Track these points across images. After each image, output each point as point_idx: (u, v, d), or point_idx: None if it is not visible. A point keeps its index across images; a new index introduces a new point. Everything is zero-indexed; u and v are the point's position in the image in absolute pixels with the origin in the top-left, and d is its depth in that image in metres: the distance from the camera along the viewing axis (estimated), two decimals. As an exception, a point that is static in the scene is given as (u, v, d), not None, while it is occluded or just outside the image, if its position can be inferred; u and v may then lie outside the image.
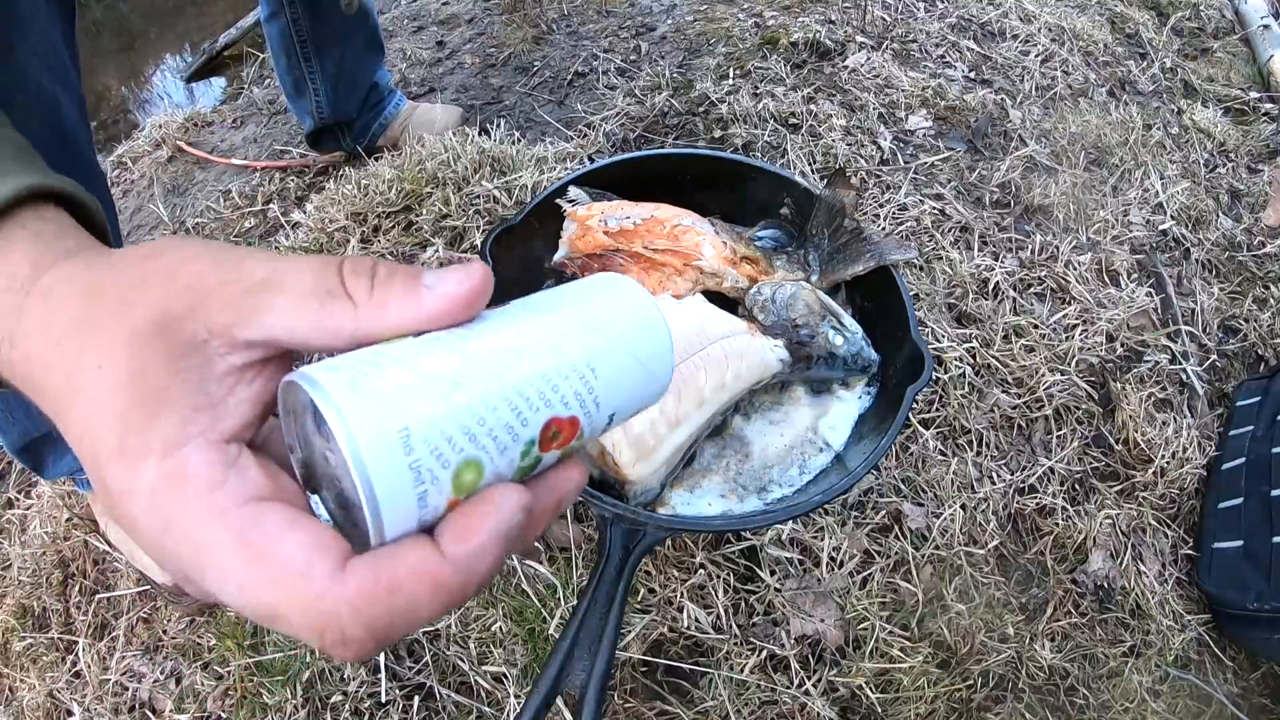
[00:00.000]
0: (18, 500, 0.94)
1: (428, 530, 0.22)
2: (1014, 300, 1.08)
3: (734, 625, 0.80)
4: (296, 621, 0.20)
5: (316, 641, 0.20)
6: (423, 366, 0.22)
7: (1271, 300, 1.18)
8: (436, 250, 1.04)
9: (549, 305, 0.26)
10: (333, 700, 0.76)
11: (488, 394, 0.22)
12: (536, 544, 0.84)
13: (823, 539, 0.84)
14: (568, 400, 0.24)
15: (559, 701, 0.73)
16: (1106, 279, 1.15)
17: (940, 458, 0.92)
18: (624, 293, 0.28)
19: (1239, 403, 1.03)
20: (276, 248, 1.12)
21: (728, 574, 0.82)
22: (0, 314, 0.23)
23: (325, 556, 0.20)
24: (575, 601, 0.77)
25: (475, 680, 0.78)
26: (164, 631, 0.83)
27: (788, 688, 0.77)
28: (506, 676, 0.77)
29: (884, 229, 1.14)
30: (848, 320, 0.77)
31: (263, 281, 0.22)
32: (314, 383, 0.21)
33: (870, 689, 0.78)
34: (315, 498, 0.24)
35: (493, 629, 0.79)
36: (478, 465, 0.22)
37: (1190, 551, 0.93)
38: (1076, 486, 0.96)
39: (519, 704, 0.76)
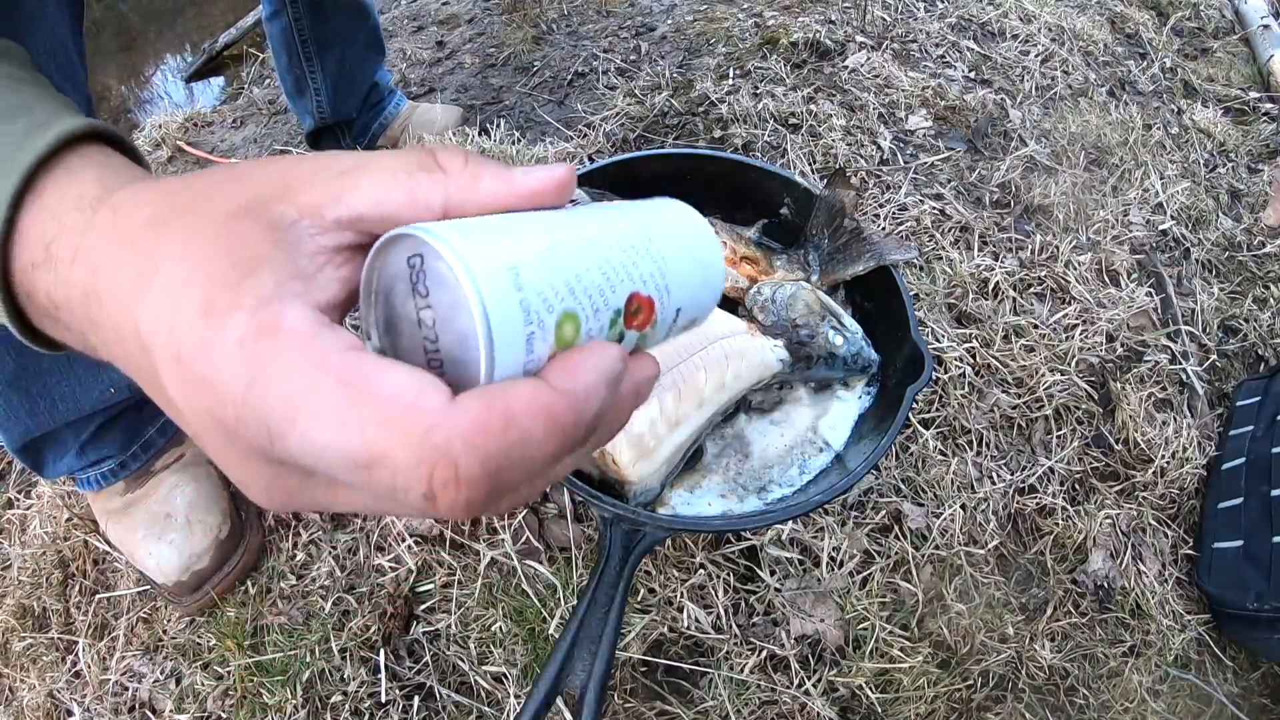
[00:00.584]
0: (18, 500, 0.94)
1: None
2: (1014, 300, 1.08)
3: (734, 625, 0.80)
4: (402, 460, 0.18)
5: (423, 485, 0.18)
6: (520, 226, 0.23)
7: (1271, 300, 1.18)
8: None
9: (618, 207, 0.28)
10: (333, 700, 0.76)
11: (581, 254, 0.23)
12: (536, 544, 0.84)
13: (823, 539, 0.84)
14: (645, 280, 0.25)
15: (559, 701, 0.73)
16: (1106, 279, 1.15)
17: (940, 458, 0.92)
18: (679, 207, 0.31)
19: (1239, 403, 1.03)
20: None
21: (728, 574, 0.82)
22: (65, 233, 0.23)
23: (435, 390, 0.18)
24: (575, 601, 0.77)
25: (475, 680, 0.78)
26: (164, 631, 0.83)
27: (788, 688, 0.77)
28: (506, 676, 0.77)
29: (884, 229, 1.14)
30: (848, 320, 0.77)
31: (354, 165, 0.22)
32: (417, 229, 0.21)
33: (870, 689, 0.78)
34: None
35: (493, 629, 0.79)
36: (575, 320, 0.22)
37: (1190, 551, 0.93)
38: (1076, 486, 0.96)
39: (519, 704, 0.76)
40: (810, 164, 1.22)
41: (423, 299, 0.21)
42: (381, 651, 0.79)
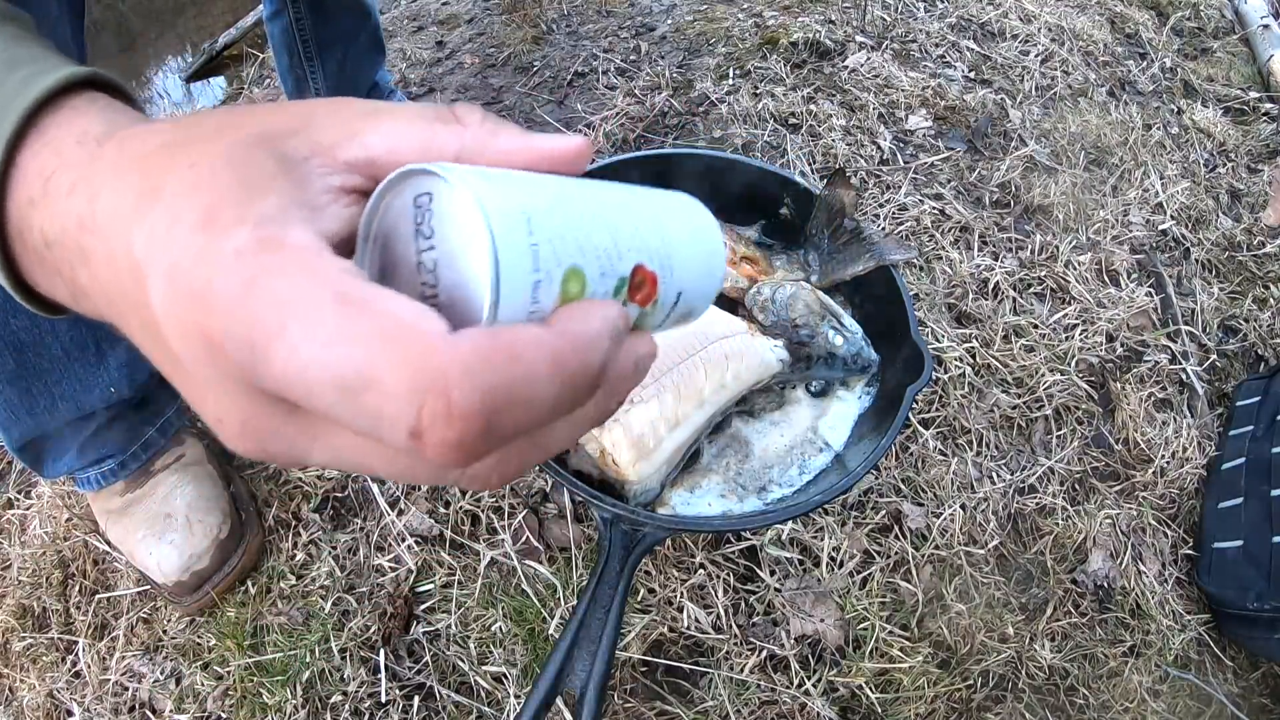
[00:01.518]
0: (18, 500, 0.94)
1: None
2: (1014, 300, 1.08)
3: (734, 625, 0.80)
4: (392, 383, 0.16)
5: (410, 417, 0.16)
6: (534, 181, 0.22)
7: (1271, 300, 1.18)
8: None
9: (629, 186, 0.28)
10: (333, 700, 0.76)
11: (594, 215, 0.23)
12: (536, 544, 0.84)
13: (823, 539, 0.84)
14: (650, 255, 0.25)
15: (559, 701, 0.74)
16: (1106, 279, 1.15)
17: (940, 458, 0.92)
18: (688, 197, 0.32)
19: (1239, 403, 1.03)
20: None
21: (728, 574, 0.82)
22: (65, 167, 0.22)
23: (436, 319, 0.17)
24: (575, 601, 0.77)
25: (475, 680, 0.78)
26: (164, 631, 0.83)
27: (788, 688, 0.77)
28: (506, 676, 0.77)
29: (884, 229, 1.14)
30: (848, 320, 0.77)
31: (370, 110, 0.22)
32: (431, 165, 0.20)
33: (870, 689, 0.78)
34: None
35: (493, 629, 0.79)
36: (581, 278, 0.22)
37: (1190, 551, 0.93)
38: (1076, 486, 0.96)
39: (519, 704, 0.76)
40: (810, 164, 1.22)
41: (426, 240, 0.21)
42: (381, 651, 0.79)
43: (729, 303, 0.81)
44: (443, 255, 0.21)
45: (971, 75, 1.44)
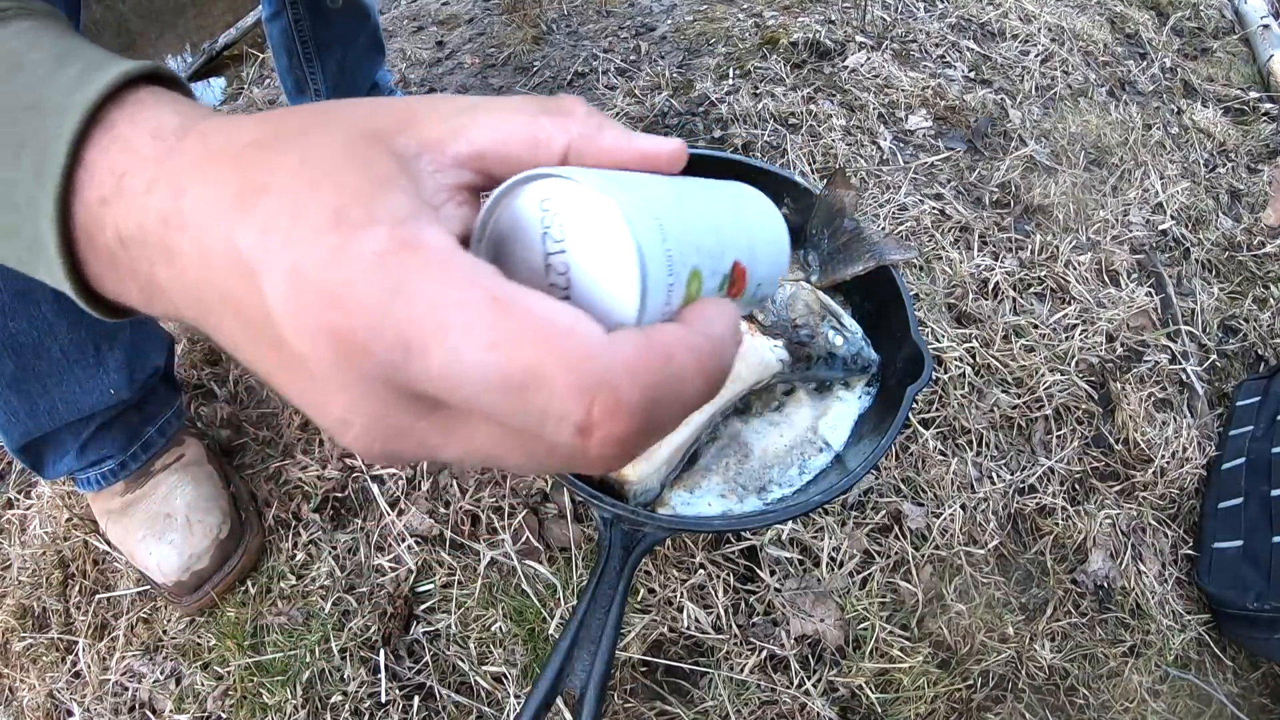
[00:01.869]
0: (18, 500, 0.94)
1: None
2: (1014, 300, 1.08)
3: (734, 625, 0.80)
4: (561, 384, 0.17)
5: (580, 413, 0.17)
6: (649, 184, 0.23)
7: (1271, 300, 1.18)
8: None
9: (707, 181, 0.28)
10: (333, 700, 0.76)
11: (701, 217, 0.24)
12: (536, 544, 0.84)
13: (823, 539, 0.84)
14: (741, 250, 0.26)
15: (559, 701, 0.73)
16: (1106, 279, 1.15)
17: (940, 458, 0.92)
18: (753, 189, 0.32)
19: (1239, 403, 1.03)
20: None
21: (728, 574, 0.82)
22: (142, 163, 0.21)
23: (591, 321, 0.18)
24: (575, 601, 0.77)
25: (475, 680, 0.78)
26: (164, 631, 0.83)
27: (788, 688, 0.77)
28: (506, 676, 0.77)
29: (884, 229, 1.14)
30: (848, 320, 0.77)
31: (472, 104, 0.22)
32: (560, 171, 0.21)
33: (870, 689, 0.78)
34: None
35: (493, 629, 0.79)
36: (700, 277, 0.23)
37: (1190, 551, 0.93)
38: (1076, 486, 0.96)
39: (519, 704, 0.76)
40: (810, 164, 1.22)
41: (556, 243, 0.21)
42: (381, 651, 0.79)
43: (729, 303, 0.81)
44: (577, 258, 0.21)
45: (971, 75, 1.44)
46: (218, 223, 0.19)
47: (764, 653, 0.79)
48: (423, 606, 0.82)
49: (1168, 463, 0.97)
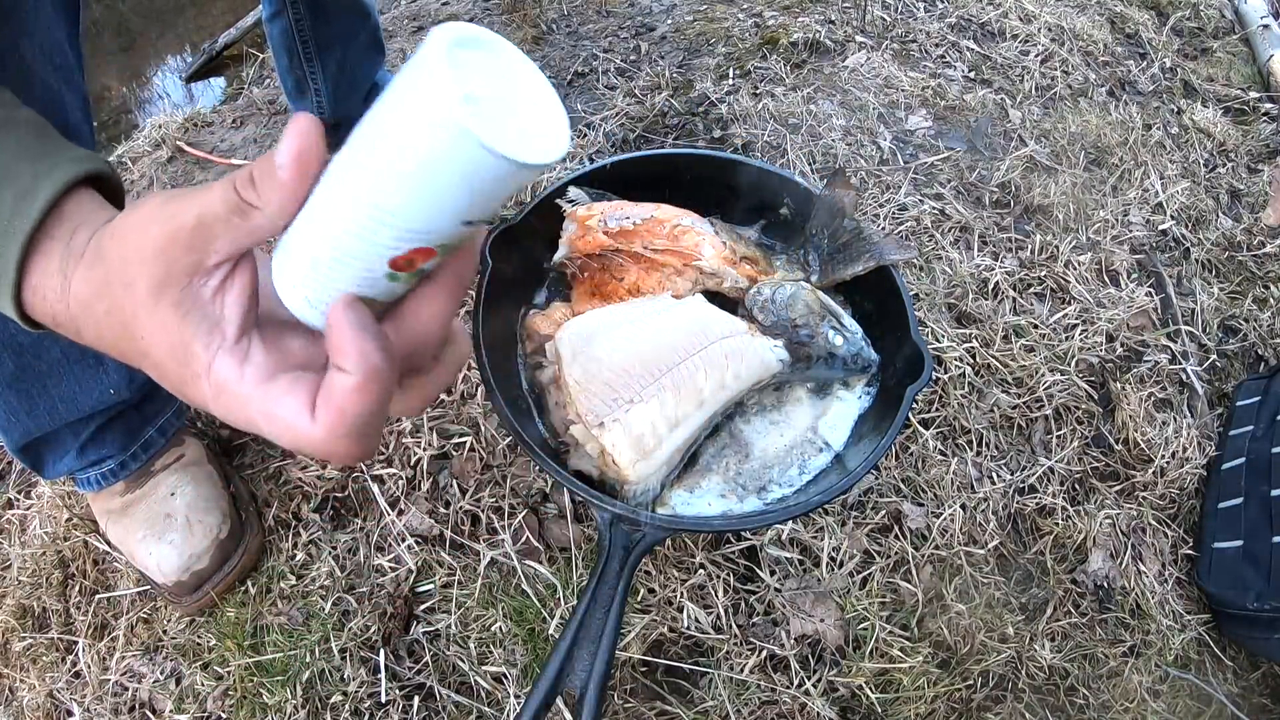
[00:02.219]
0: (18, 500, 0.94)
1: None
2: (1014, 300, 1.08)
3: (734, 625, 0.80)
4: (310, 453, 0.30)
5: (324, 457, 0.30)
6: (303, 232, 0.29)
7: (1271, 300, 1.18)
8: (436, 250, 1.05)
9: (353, 140, 0.28)
10: (333, 700, 0.76)
11: (344, 258, 0.29)
12: (536, 544, 0.84)
13: (823, 539, 0.84)
14: (403, 236, 0.27)
15: (559, 701, 0.73)
16: (1106, 279, 1.15)
17: (940, 458, 0.92)
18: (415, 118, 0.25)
19: (1239, 403, 1.03)
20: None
21: (728, 574, 0.82)
22: (51, 299, 0.32)
23: (303, 413, 0.29)
24: (575, 601, 0.77)
25: (475, 680, 0.78)
26: (164, 631, 0.83)
27: (788, 688, 0.77)
28: (506, 676, 0.77)
29: (884, 229, 1.14)
30: (848, 320, 0.77)
31: (197, 223, 0.29)
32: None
33: (870, 689, 0.78)
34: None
35: (493, 629, 0.79)
36: (364, 283, 0.30)
37: (1190, 551, 0.93)
38: (1076, 486, 0.96)
39: (519, 704, 0.76)
40: (810, 164, 1.22)
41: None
42: (381, 651, 0.79)
43: (729, 303, 0.81)
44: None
45: (971, 75, 1.44)
46: (120, 349, 0.32)
47: (764, 653, 0.79)
48: (423, 606, 0.82)
49: (1168, 463, 0.97)
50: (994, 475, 0.93)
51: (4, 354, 0.66)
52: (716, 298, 0.80)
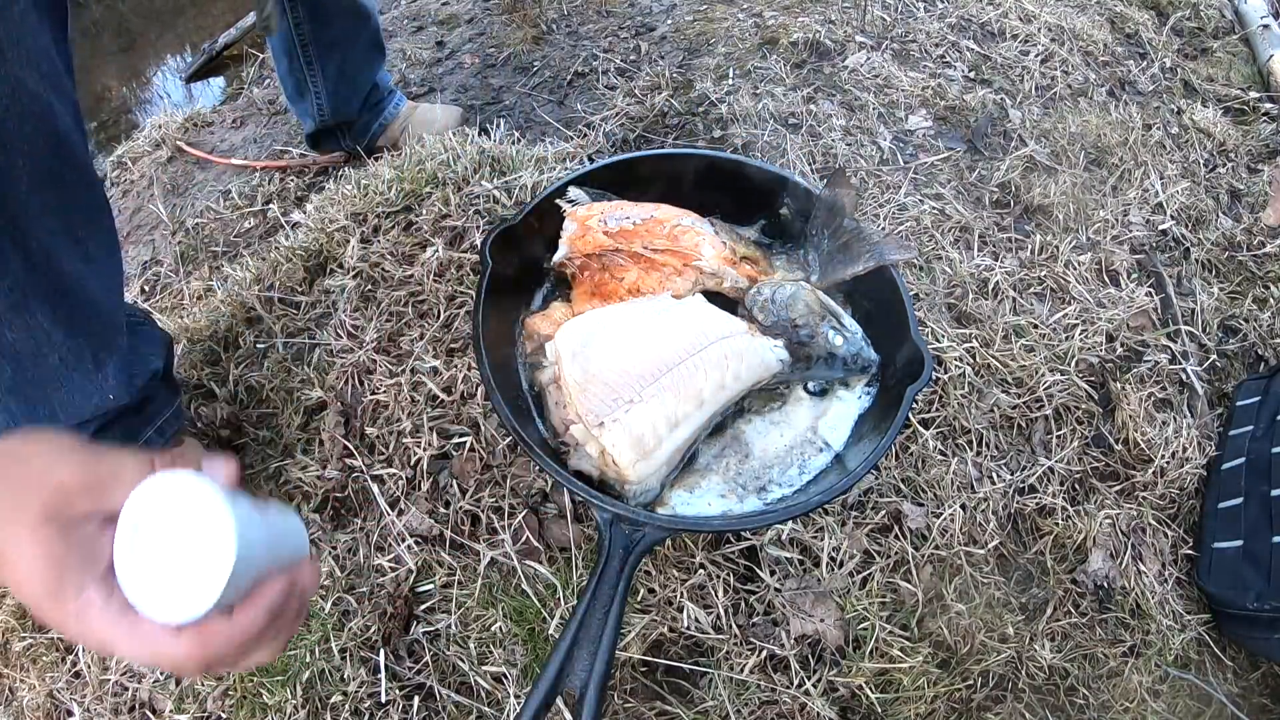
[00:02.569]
0: (18, 500, 0.94)
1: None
2: (1014, 300, 1.08)
3: (734, 625, 0.80)
4: (167, 667, 0.36)
5: (180, 671, 0.37)
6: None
7: (1271, 300, 1.18)
8: (436, 250, 1.04)
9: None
10: (333, 700, 0.76)
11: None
12: (536, 544, 0.84)
13: (823, 539, 0.84)
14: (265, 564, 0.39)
15: (559, 701, 0.74)
16: (1106, 279, 1.15)
17: (940, 458, 0.92)
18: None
19: (1239, 403, 1.03)
20: (277, 248, 1.12)
21: (728, 574, 0.82)
22: None
23: (163, 637, 0.35)
24: (575, 601, 0.77)
25: (475, 680, 0.78)
26: (164, 632, 0.83)
27: (788, 688, 0.77)
28: (506, 676, 0.77)
29: (884, 229, 1.14)
30: (848, 320, 0.77)
31: (110, 475, 0.36)
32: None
33: (870, 689, 0.78)
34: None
35: (493, 629, 0.79)
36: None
37: (1190, 551, 0.93)
38: (1076, 486, 0.96)
39: (519, 704, 0.76)
40: (810, 164, 1.22)
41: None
42: (381, 651, 0.79)
43: (729, 303, 0.81)
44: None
45: (971, 75, 1.44)
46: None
47: (764, 653, 0.79)
48: (423, 606, 0.82)
49: (1168, 463, 0.97)
50: (994, 475, 0.93)
51: (2, 362, 0.66)
52: (716, 298, 0.80)
